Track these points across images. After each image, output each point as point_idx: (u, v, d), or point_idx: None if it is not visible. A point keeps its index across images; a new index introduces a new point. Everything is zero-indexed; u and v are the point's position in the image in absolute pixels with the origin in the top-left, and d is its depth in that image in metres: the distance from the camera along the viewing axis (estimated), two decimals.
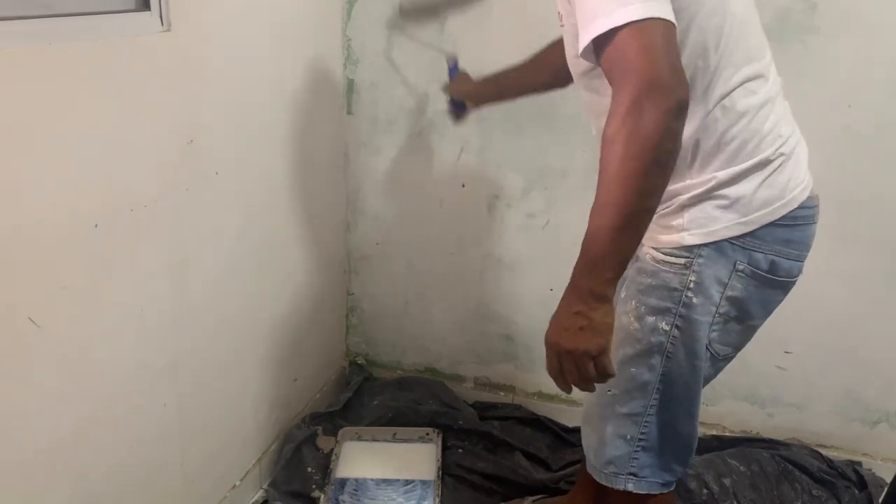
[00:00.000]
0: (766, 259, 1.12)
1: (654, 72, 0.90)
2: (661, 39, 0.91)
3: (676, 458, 1.24)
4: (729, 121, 1.08)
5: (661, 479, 1.24)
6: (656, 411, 1.20)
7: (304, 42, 1.73)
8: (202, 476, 1.55)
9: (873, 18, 1.62)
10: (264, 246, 1.67)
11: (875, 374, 1.87)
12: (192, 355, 1.44)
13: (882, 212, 1.75)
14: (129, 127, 1.18)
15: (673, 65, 0.92)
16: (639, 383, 1.19)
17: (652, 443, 1.21)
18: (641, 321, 1.17)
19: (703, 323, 1.14)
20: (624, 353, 1.19)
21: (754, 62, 1.11)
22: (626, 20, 0.90)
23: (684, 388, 1.19)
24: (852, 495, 1.79)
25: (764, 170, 1.10)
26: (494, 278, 2.06)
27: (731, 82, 1.08)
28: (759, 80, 1.12)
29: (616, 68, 0.93)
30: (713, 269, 1.11)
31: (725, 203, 1.09)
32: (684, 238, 1.11)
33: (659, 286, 1.14)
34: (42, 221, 1.04)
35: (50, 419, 1.11)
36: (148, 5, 1.21)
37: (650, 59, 0.90)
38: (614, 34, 0.92)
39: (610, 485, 1.25)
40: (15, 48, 0.96)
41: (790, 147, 1.14)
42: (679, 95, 0.91)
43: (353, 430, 1.96)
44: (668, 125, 0.91)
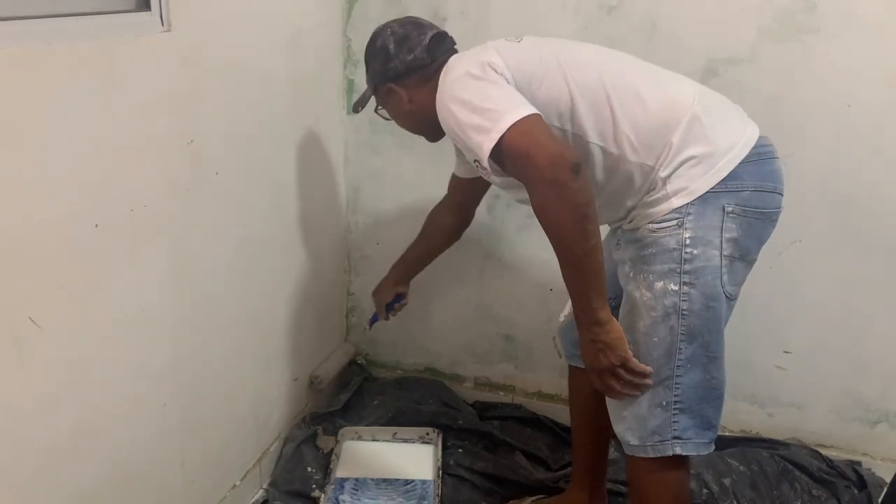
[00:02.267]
0: (750, 195, 1.24)
1: (543, 152, 1.11)
2: (537, 129, 1.15)
3: (714, 410, 1.29)
4: (624, 118, 1.25)
5: (706, 437, 1.29)
6: (684, 371, 1.25)
7: (305, 42, 1.73)
8: (202, 476, 1.55)
9: (873, 18, 1.62)
10: (264, 246, 1.67)
11: (875, 374, 1.88)
12: (192, 355, 1.44)
13: (882, 212, 1.75)
14: (129, 127, 1.18)
15: (553, 140, 1.15)
16: (662, 349, 1.25)
17: (688, 403, 1.26)
18: (651, 289, 1.25)
19: (712, 268, 1.23)
20: (643, 325, 1.26)
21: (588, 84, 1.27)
22: (508, 125, 1.13)
23: (706, 339, 1.25)
24: (852, 495, 1.79)
25: (705, 118, 1.24)
26: (494, 278, 2.06)
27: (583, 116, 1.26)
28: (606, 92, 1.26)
29: (517, 166, 1.15)
30: (704, 218, 1.23)
31: (695, 162, 1.23)
32: (672, 203, 1.24)
33: (659, 252, 1.25)
34: (42, 221, 1.04)
35: (50, 419, 1.11)
36: (148, 5, 1.21)
37: (538, 147, 1.12)
38: (503, 139, 1.13)
39: (657, 454, 1.28)
40: (15, 48, 0.96)
41: (707, 102, 1.28)
42: (570, 160, 1.11)
43: (353, 430, 1.96)
44: (573, 188, 1.11)
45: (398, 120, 1.50)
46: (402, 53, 1.39)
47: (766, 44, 1.69)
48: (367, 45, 1.46)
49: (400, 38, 1.40)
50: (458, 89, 1.22)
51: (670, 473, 1.30)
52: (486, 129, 1.15)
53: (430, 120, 1.34)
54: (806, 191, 1.74)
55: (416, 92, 1.41)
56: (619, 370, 1.24)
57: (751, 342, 1.90)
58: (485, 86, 1.20)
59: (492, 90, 1.19)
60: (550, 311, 2.00)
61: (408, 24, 1.43)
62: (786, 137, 1.33)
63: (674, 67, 1.37)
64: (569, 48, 1.34)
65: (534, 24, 1.80)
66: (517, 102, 1.17)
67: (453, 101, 1.21)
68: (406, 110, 1.44)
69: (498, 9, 1.82)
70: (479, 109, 1.17)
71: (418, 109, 1.41)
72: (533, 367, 2.11)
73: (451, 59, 1.35)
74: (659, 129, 1.24)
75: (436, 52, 1.39)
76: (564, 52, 1.30)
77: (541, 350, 2.08)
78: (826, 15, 1.64)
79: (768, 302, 1.85)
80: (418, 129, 1.50)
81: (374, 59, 1.44)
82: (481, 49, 1.30)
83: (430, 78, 1.37)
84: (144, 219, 1.25)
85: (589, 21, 1.77)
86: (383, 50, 1.41)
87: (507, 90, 1.20)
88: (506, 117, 1.14)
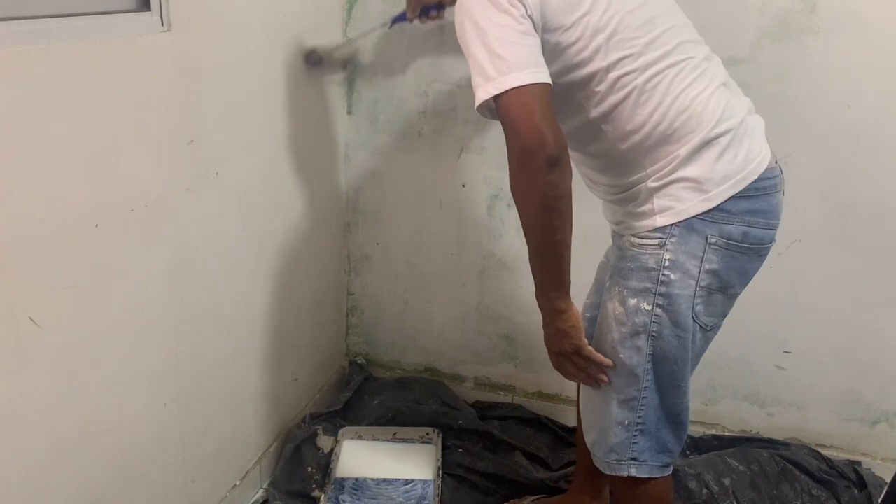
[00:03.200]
0: (737, 230, 1.18)
1: (528, 135, 1.07)
2: (537, 103, 1.08)
3: (673, 436, 1.29)
4: (637, 114, 1.17)
5: (660, 461, 1.28)
6: (649, 393, 1.24)
7: (305, 42, 1.73)
8: (202, 476, 1.55)
9: (873, 18, 1.62)
10: (264, 246, 1.68)
11: (875, 374, 1.88)
12: (192, 355, 1.44)
13: (882, 212, 1.75)
14: (129, 127, 1.18)
15: (546, 125, 1.07)
16: (629, 367, 1.23)
17: (649, 425, 1.26)
18: (625, 304, 1.22)
19: (685, 297, 1.19)
20: (612, 338, 1.24)
21: (649, 52, 1.17)
22: (509, 87, 1.07)
23: (673, 365, 1.23)
24: (852, 495, 1.79)
25: (715, 146, 1.17)
26: (494, 278, 2.06)
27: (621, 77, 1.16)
28: (661, 65, 1.17)
29: (504, 128, 1.11)
30: (686, 245, 1.18)
31: (688, 184, 1.17)
32: (656, 220, 1.20)
33: (637, 268, 1.21)
34: (42, 221, 1.04)
35: (50, 419, 1.11)
36: (148, 5, 1.21)
37: (526, 124, 1.07)
38: (499, 97, 1.08)
39: (613, 472, 1.28)
40: (15, 48, 0.96)
41: (737, 120, 1.20)
42: (547, 153, 1.07)
43: (353, 430, 1.96)
44: (543, 179, 1.08)
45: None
46: None
47: (766, 44, 1.69)
48: None
49: None
50: (479, 10, 1.10)
51: (650, 489, 1.30)
52: (488, 76, 1.09)
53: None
54: (806, 191, 1.74)
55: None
56: (574, 356, 1.25)
57: (751, 342, 1.90)
58: (503, 22, 1.09)
59: (506, 34, 1.09)
60: None
61: None
62: (786, 137, 1.32)
63: None
64: (621, 7, 1.17)
65: None
66: (531, 61, 1.09)
67: (469, 18, 1.11)
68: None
69: None
70: (491, 51, 1.09)
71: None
72: (533, 367, 2.11)
73: None
74: (666, 136, 1.17)
75: None
76: (608, 14, 1.15)
77: (541, 350, 2.05)
78: (826, 15, 1.64)
79: (768, 302, 1.85)
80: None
81: None
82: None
83: None
84: (144, 219, 1.25)
85: None
86: None
87: (522, 41, 1.10)
88: (512, 74, 1.07)
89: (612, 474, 1.29)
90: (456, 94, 1.90)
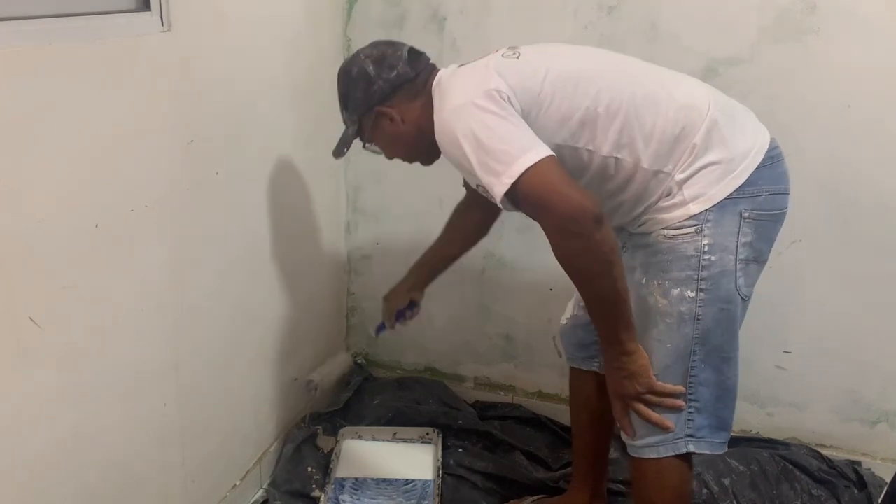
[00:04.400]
0: (765, 200, 1.24)
1: (565, 205, 1.10)
2: (555, 174, 1.12)
3: (729, 411, 1.30)
4: (642, 127, 1.22)
5: (720, 437, 1.30)
6: (698, 372, 1.25)
7: (305, 42, 1.73)
8: (202, 476, 1.55)
9: (873, 18, 1.62)
10: (264, 246, 1.68)
11: (875, 374, 1.87)
12: (192, 355, 1.44)
13: (882, 212, 1.74)
14: (129, 127, 1.18)
15: (572, 188, 1.11)
16: (676, 355, 1.25)
17: (703, 402, 1.27)
18: (667, 296, 1.24)
19: (727, 272, 1.23)
20: (657, 331, 1.26)
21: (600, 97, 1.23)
22: (521, 171, 1.10)
23: (719, 340, 1.25)
24: (852, 495, 1.79)
25: (721, 127, 1.22)
26: (494, 278, 2.06)
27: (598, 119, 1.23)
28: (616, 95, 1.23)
29: (535, 211, 1.14)
30: (722, 225, 1.22)
31: (715, 167, 1.22)
32: (690, 209, 1.22)
33: (677, 258, 1.24)
34: (42, 221, 1.04)
35: (50, 419, 1.11)
36: (148, 5, 1.21)
37: (557, 196, 1.10)
38: (517, 185, 1.11)
39: (671, 453, 1.28)
40: (15, 48, 0.96)
41: (719, 101, 1.26)
42: (591, 213, 1.09)
43: (353, 430, 1.96)
44: (596, 238, 1.10)
45: (392, 148, 1.41)
46: (384, 72, 1.32)
47: (766, 44, 1.69)
48: (340, 80, 1.37)
49: (377, 59, 1.33)
50: (464, 121, 1.17)
51: (674, 474, 1.30)
52: (498, 172, 1.12)
53: (426, 139, 1.28)
54: (806, 191, 1.74)
55: (407, 109, 1.33)
56: (646, 395, 1.25)
57: (751, 342, 1.88)
58: (494, 121, 1.15)
59: (501, 127, 1.15)
60: (550, 311, 2.00)
61: (378, 45, 1.37)
62: (786, 137, 1.32)
63: (674, 67, 1.37)
64: (569, 57, 1.30)
65: (534, 24, 1.80)
66: (529, 143, 1.14)
67: (461, 134, 1.16)
68: (400, 132, 1.35)
69: (498, 9, 1.82)
70: (490, 150, 1.13)
71: (413, 128, 1.34)
72: (533, 367, 2.11)
73: (446, 78, 1.30)
74: (677, 134, 1.22)
75: (417, 64, 1.34)
76: (566, 64, 1.26)
77: (541, 350, 2.08)
78: (826, 15, 1.64)
79: (768, 302, 1.84)
80: (414, 151, 1.41)
81: (353, 89, 1.35)
82: (481, 71, 1.24)
83: (419, 93, 1.33)
84: (144, 219, 1.25)
85: (589, 21, 1.77)
86: (362, 75, 1.33)
87: (517, 127, 1.16)
88: (519, 160, 1.11)
89: (667, 455, 1.28)
90: None
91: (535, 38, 1.55)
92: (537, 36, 1.55)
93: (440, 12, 1.85)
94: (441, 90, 1.28)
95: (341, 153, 1.42)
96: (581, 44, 1.75)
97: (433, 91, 1.31)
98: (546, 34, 1.77)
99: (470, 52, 1.84)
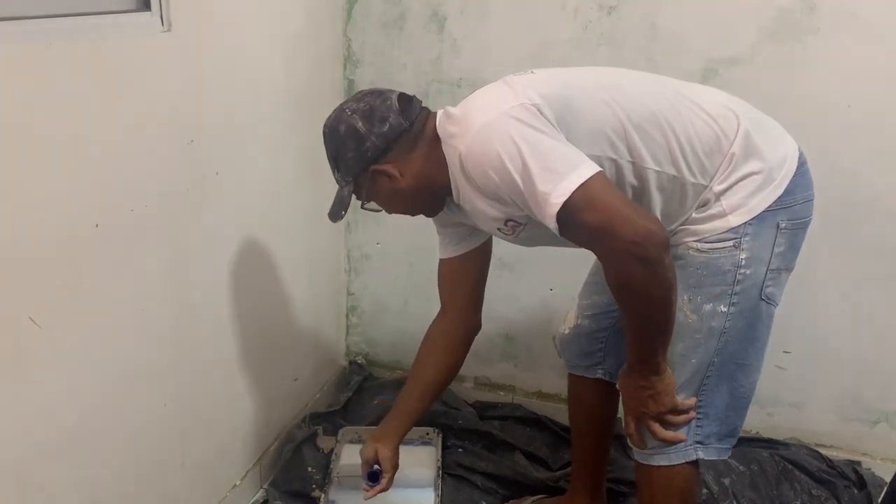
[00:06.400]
0: (800, 209, 1.21)
1: (629, 230, 1.01)
2: (612, 194, 1.05)
3: (739, 418, 1.29)
4: (679, 135, 1.17)
5: (727, 443, 1.29)
6: (711, 380, 1.24)
7: (305, 42, 1.73)
8: (202, 476, 1.55)
9: (873, 18, 1.62)
10: (264, 246, 1.67)
11: (875, 374, 1.87)
12: (192, 355, 1.44)
13: (882, 212, 1.75)
14: (129, 127, 1.18)
15: (635, 210, 1.04)
16: (695, 367, 1.23)
17: (713, 409, 1.25)
18: (699, 311, 1.21)
19: (758, 284, 1.20)
20: (684, 346, 1.23)
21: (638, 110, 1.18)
22: (572, 189, 1.02)
23: (736, 347, 1.23)
24: (852, 495, 1.79)
25: (753, 135, 1.19)
26: (494, 278, 2.05)
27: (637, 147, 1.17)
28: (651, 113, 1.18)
29: (593, 236, 1.05)
30: (761, 238, 1.19)
31: (756, 177, 1.18)
32: (729, 221, 1.18)
33: (711, 273, 1.20)
34: (42, 221, 1.04)
35: (50, 419, 1.11)
36: (148, 5, 1.21)
37: (619, 220, 1.02)
38: (568, 206, 1.02)
39: (681, 460, 1.27)
40: (15, 48, 0.96)
41: (749, 113, 1.23)
42: (659, 238, 1.02)
43: (353, 430, 1.96)
44: (665, 264, 1.04)
45: (392, 205, 1.29)
46: (375, 126, 1.18)
47: (766, 44, 1.69)
48: (327, 139, 1.24)
49: (365, 113, 1.20)
50: (501, 135, 1.07)
51: (682, 479, 1.29)
52: (546, 192, 1.03)
53: (431, 189, 1.22)
54: None
55: (406, 163, 1.21)
56: (667, 415, 1.22)
57: None
58: (534, 136, 1.06)
59: (544, 142, 1.06)
60: (550, 311, 2.00)
61: (364, 97, 1.23)
62: None
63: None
64: (588, 72, 1.24)
65: (534, 24, 1.80)
66: (577, 158, 1.06)
67: (501, 148, 1.06)
68: (401, 188, 1.22)
69: (498, 8, 1.82)
70: (536, 166, 1.04)
71: (415, 182, 1.22)
72: (533, 366, 2.11)
73: (455, 110, 1.19)
74: (714, 144, 1.18)
75: (409, 112, 1.21)
76: (586, 77, 1.21)
77: (541, 350, 2.08)
78: (826, 15, 1.64)
79: None
80: (418, 206, 1.30)
81: (343, 149, 1.21)
82: (502, 88, 1.16)
83: (417, 142, 1.21)
84: (144, 219, 1.25)
85: (588, 21, 1.77)
86: (351, 133, 1.20)
87: (560, 141, 1.08)
88: (568, 178, 1.03)
89: (678, 462, 1.27)
90: (456, 93, 1.90)
91: (534, 38, 1.56)
92: (537, 43, 1.55)
93: (440, 12, 1.85)
94: (455, 121, 1.17)
95: (338, 216, 1.27)
96: (581, 43, 1.78)
97: (439, 129, 1.20)
98: (546, 34, 1.78)
99: (470, 52, 1.85)
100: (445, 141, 1.19)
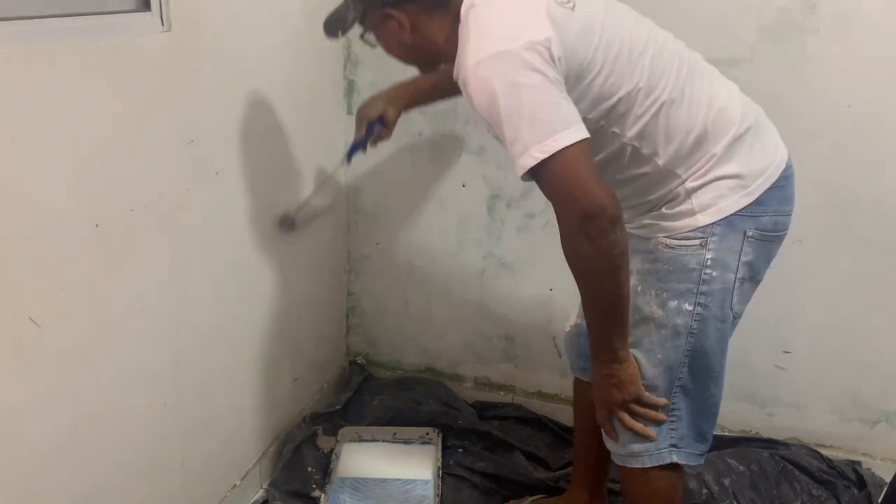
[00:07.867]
0: (770, 220, 1.22)
1: (586, 201, 1.04)
2: (584, 165, 1.06)
3: (709, 425, 1.30)
4: (671, 124, 1.18)
5: (699, 449, 1.29)
6: (684, 384, 1.24)
7: (305, 42, 1.73)
8: (202, 476, 1.55)
9: (873, 18, 1.62)
10: (264, 246, 1.67)
11: (875, 374, 1.87)
12: (192, 355, 1.44)
13: (882, 212, 1.75)
14: (129, 127, 1.18)
15: (598, 186, 1.06)
16: (665, 366, 1.23)
17: (686, 414, 1.26)
18: (664, 307, 1.22)
19: (725, 290, 1.21)
20: (650, 340, 1.24)
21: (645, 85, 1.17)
22: (555, 150, 1.03)
23: (710, 357, 1.24)
24: (852, 495, 1.79)
25: (745, 141, 1.20)
26: (494, 278, 2.06)
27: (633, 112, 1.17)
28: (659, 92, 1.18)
29: (554, 195, 1.08)
30: (727, 242, 1.19)
31: (729, 181, 1.19)
32: (697, 220, 1.20)
33: (677, 269, 1.21)
34: (43, 221, 1.04)
35: (50, 419, 1.11)
36: (148, 5, 1.21)
37: (581, 191, 1.05)
38: (545, 163, 1.04)
39: (655, 463, 1.27)
40: (15, 48, 0.96)
41: (754, 113, 1.24)
42: (609, 214, 1.05)
43: (353, 430, 1.96)
44: (609, 240, 1.06)
45: (389, 49, 1.27)
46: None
47: (766, 44, 1.69)
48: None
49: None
50: (503, 74, 1.05)
51: (663, 482, 1.30)
52: (527, 143, 1.05)
53: (430, 57, 1.20)
54: (806, 191, 1.72)
55: (421, 21, 1.18)
56: (632, 405, 1.23)
57: (751, 342, 1.90)
58: (539, 82, 1.05)
59: (546, 94, 1.06)
60: (550, 311, 2.00)
61: None
62: (786, 137, 1.32)
63: None
64: (625, 24, 1.19)
65: None
66: (571, 118, 1.06)
67: (498, 87, 1.05)
68: (405, 41, 1.21)
69: None
70: (527, 115, 1.05)
71: (420, 44, 1.20)
72: (533, 367, 2.11)
73: (483, 4, 1.12)
74: (700, 139, 1.19)
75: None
76: (620, 33, 1.16)
77: (541, 350, 2.08)
78: (826, 15, 1.64)
79: (768, 302, 1.84)
80: (415, 61, 1.29)
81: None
82: (531, 9, 1.09)
83: (437, 8, 1.18)
84: (144, 219, 1.25)
85: None
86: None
87: (562, 96, 1.07)
88: (556, 136, 1.04)
89: (652, 465, 1.27)
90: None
91: None
92: None
93: None
94: (476, 20, 1.11)
95: (334, 34, 1.25)
96: None
97: (463, 13, 1.14)
98: None
99: None
100: (461, 33, 1.14)
